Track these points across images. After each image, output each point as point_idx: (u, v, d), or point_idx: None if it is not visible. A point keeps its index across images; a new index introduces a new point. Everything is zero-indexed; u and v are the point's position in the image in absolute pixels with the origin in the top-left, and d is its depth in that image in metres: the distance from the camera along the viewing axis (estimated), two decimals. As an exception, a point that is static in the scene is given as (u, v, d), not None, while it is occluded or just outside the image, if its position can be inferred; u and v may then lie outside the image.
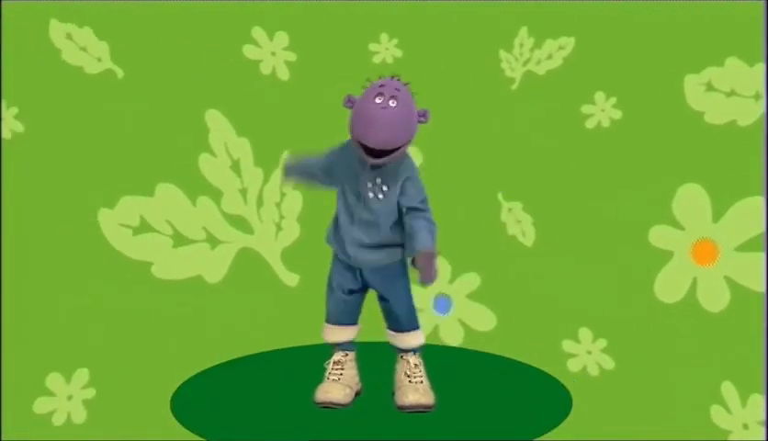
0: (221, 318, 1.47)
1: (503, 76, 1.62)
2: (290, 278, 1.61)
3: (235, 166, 1.58)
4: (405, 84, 1.06)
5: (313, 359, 1.16)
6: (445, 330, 1.52)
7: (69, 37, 1.34)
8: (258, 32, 1.54)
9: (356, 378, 1.14)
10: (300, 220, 1.63)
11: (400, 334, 1.13)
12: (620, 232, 1.53)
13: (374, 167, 1.05)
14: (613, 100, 1.55)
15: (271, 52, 1.56)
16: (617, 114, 1.56)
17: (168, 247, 1.48)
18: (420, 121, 1.06)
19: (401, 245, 1.10)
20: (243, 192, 1.59)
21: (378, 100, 1.01)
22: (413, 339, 1.14)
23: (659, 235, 1.47)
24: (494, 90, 1.62)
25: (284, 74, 1.58)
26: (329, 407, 1.08)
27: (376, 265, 1.10)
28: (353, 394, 1.11)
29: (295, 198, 1.64)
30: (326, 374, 1.11)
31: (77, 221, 1.39)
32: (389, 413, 1.09)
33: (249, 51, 1.54)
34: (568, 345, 1.35)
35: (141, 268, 1.44)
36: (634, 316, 1.45)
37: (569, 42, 1.60)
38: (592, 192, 1.57)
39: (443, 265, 1.54)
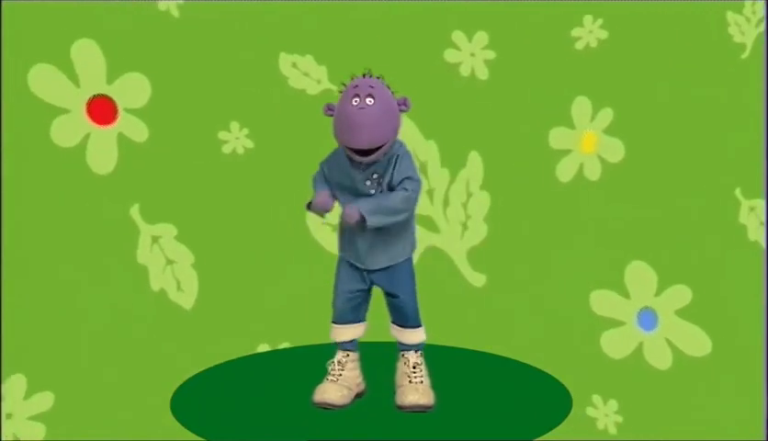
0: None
1: (731, 43, 1.36)
2: (476, 278, 1.60)
3: (422, 168, 1.61)
4: (379, 78, 1.03)
5: (313, 359, 1.13)
6: (649, 349, 1.35)
7: (294, 65, 1.53)
8: (458, 35, 1.54)
9: (358, 379, 1.11)
10: (488, 220, 1.60)
11: (406, 330, 1.10)
12: None
13: (368, 164, 1.03)
14: None
15: (470, 54, 1.55)
16: None
17: (362, 243, 1.59)
18: (402, 110, 1.03)
19: (407, 237, 1.10)
20: (430, 193, 1.61)
21: (355, 101, 0.99)
22: (418, 336, 1.11)
23: None
24: (720, 61, 1.36)
25: (483, 74, 1.56)
26: (326, 408, 1.06)
27: (389, 263, 1.09)
28: (351, 395, 1.08)
29: (482, 198, 1.61)
30: (326, 375, 1.09)
31: (289, 218, 1.57)
32: (390, 414, 1.05)
33: (450, 55, 1.55)
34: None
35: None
36: None
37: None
38: None
39: (650, 276, 1.38)
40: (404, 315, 1.13)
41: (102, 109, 1.45)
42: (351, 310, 1.13)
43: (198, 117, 1.53)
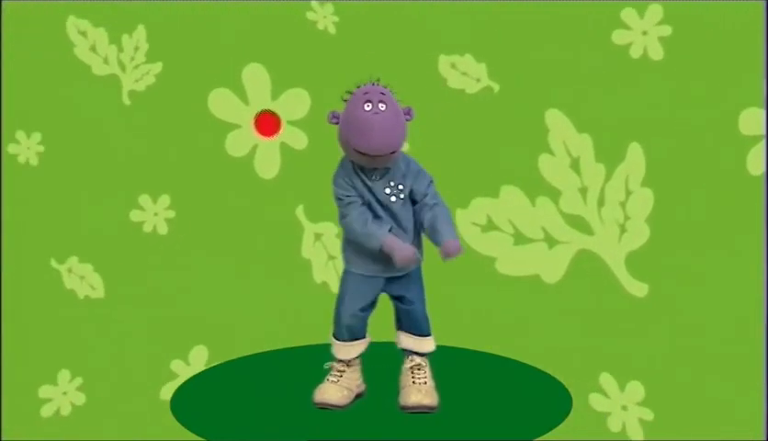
0: (554, 319, 1.43)
1: None
2: (637, 287, 1.41)
3: (575, 165, 1.48)
4: (386, 87, 1.02)
5: (313, 359, 1.10)
6: None
7: (453, 66, 1.53)
8: (628, 13, 1.38)
9: (359, 381, 1.09)
10: (650, 221, 1.40)
11: (421, 339, 1.08)
12: None
13: (382, 172, 1.03)
14: None
15: (642, 32, 1.39)
16: None
17: (509, 245, 1.52)
18: (407, 119, 1.03)
19: (420, 243, 1.08)
20: (583, 191, 1.46)
21: (367, 107, 0.98)
22: (431, 344, 1.09)
23: None
24: None
25: (657, 54, 1.38)
26: (325, 408, 1.04)
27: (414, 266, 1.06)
28: (351, 396, 1.07)
29: (644, 197, 1.41)
30: (327, 375, 1.08)
31: None
32: (391, 414, 1.03)
33: (618, 36, 1.40)
34: None
35: (486, 263, 1.53)
36: None
37: None
38: None
39: None
40: (418, 323, 1.08)
41: (267, 124, 1.64)
42: (358, 329, 1.10)
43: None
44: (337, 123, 1.05)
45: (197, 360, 1.54)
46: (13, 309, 1.51)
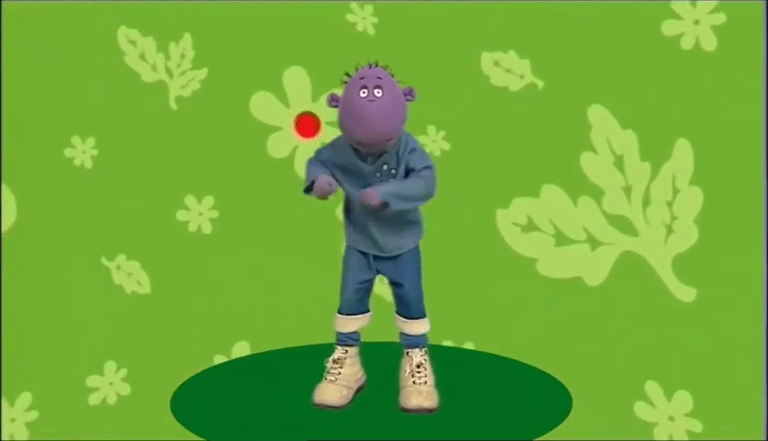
0: (596, 322, 1.38)
1: None
2: (684, 292, 1.34)
3: (618, 162, 1.42)
4: (385, 69, 1.00)
5: (313, 359, 1.11)
6: None
7: (496, 63, 1.51)
8: (680, 3, 1.33)
9: (358, 375, 1.09)
10: (699, 221, 1.35)
11: (410, 321, 1.08)
12: None
13: (377, 156, 1.01)
14: None
15: (694, 21, 1.33)
16: None
17: (551, 246, 1.48)
18: (408, 100, 1.00)
19: (417, 224, 1.06)
20: (627, 190, 1.41)
21: (363, 94, 0.96)
22: (422, 326, 1.09)
23: None
24: None
25: (710, 44, 1.32)
26: (325, 408, 1.04)
27: (401, 250, 1.05)
28: (351, 394, 1.07)
29: (693, 196, 1.35)
30: (325, 373, 1.08)
31: (480, 220, 1.55)
32: (391, 414, 1.03)
33: (668, 27, 1.35)
34: None
35: (527, 264, 1.49)
36: None
37: None
38: None
39: None
40: (408, 305, 1.07)
41: (308, 125, 1.67)
42: (358, 301, 1.09)
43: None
44: (337, 106, 1.04)
45: (240, 355, 1.58)
46: (64, 302, 1.61)
